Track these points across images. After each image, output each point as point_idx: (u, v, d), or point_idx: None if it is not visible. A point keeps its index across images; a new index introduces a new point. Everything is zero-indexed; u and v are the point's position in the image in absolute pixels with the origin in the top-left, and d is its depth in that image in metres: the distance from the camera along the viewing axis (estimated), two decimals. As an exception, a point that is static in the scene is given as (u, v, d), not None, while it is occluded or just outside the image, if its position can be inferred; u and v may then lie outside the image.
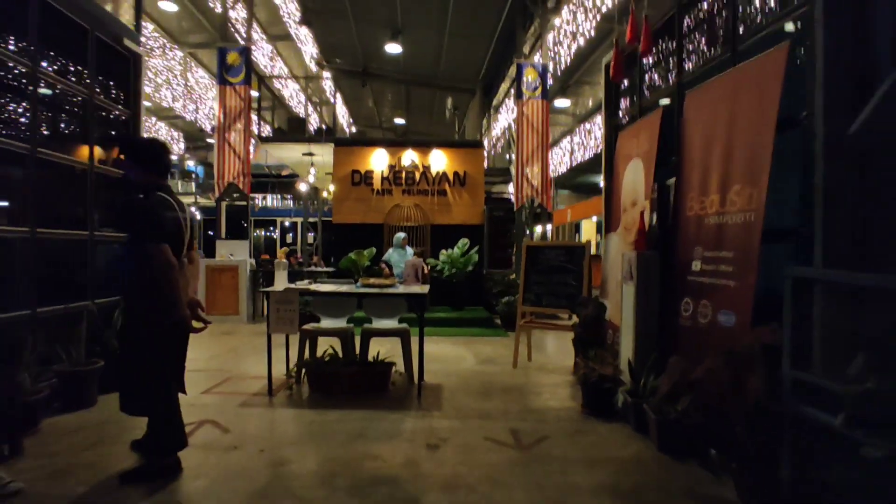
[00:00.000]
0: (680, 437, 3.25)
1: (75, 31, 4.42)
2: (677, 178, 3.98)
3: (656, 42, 4.48)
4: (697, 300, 3.56)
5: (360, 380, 4.58)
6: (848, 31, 2.51)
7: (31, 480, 2.79)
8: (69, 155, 4.42)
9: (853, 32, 2.50)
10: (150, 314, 2.72)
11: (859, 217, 2.47)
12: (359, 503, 2.64)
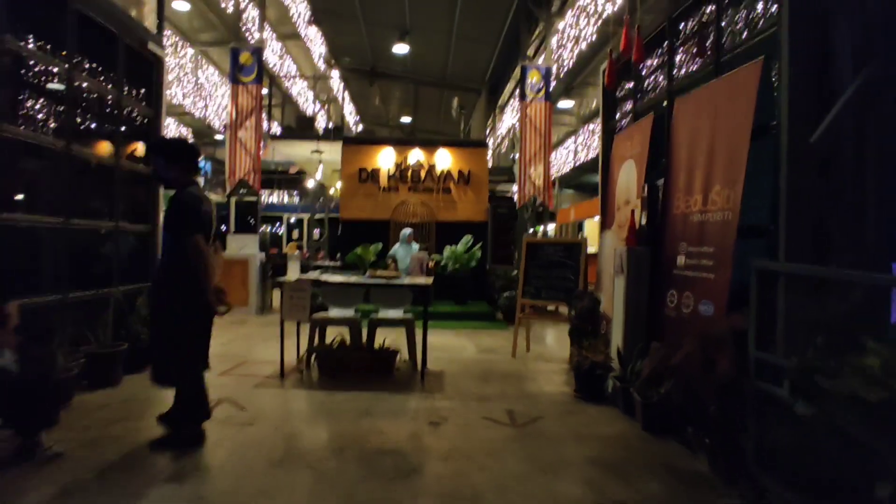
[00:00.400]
0: (662, 417, 3.54)
1: (106, 37, 4.73)
2: (666, 179, 4.25)
3: (649, 52, 4.74)
4: (681, 292, 3.84)
5: (367, 365, 4.88)
6: (811, 50, 2.77)
7: (68, 448, 3.09)
8: (98, 151, 4.73)
9: (816, 51, 2.77)
10: (184, 296, 3.03)
11: (820, 216, 2.74)
12: (366, 472, 2.94)
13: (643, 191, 4.63)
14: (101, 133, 4.86)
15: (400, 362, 5.18)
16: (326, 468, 2.96)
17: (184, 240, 2.99)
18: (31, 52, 3.89)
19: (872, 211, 2.68)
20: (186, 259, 3.00)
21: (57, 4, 4.12)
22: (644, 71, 4.91)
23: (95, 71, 4.65)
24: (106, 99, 4.83)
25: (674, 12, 4.34)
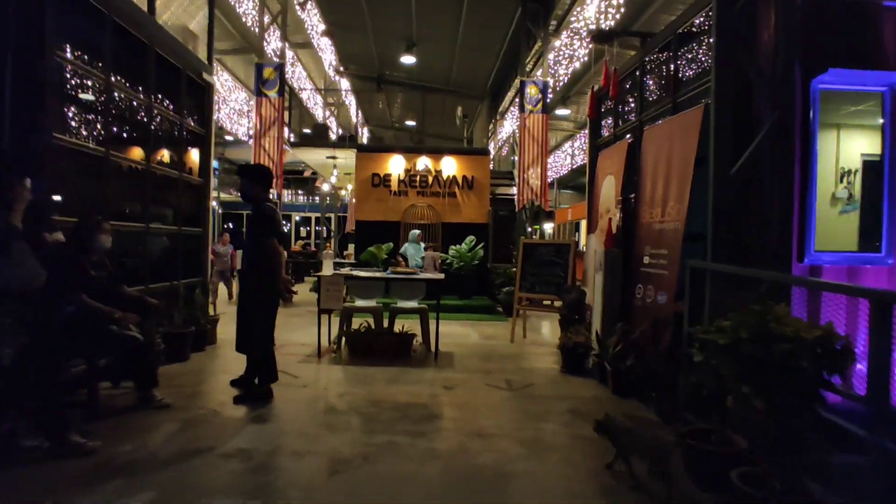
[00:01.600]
0: (627, 383, 4.51)
1: (173, 71, 5.68)
2: (636, 193, 5.21)
3: (625, 87, 5.70)
4: (645, 285, 4.80)
5: (389, 346, 5.85)
6: (732, 103, 3.73)
7: (172, 401, 4.06)
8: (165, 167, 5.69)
9: (736, 103, 3.73)
10: (262, 286, 3.99)
11: (738, 229, 3.70)
12: (401, 416, 3.91)
13: (619, 202, 5.59)
14: (168, 150, 5.81)
15: (416, 345, 6.15)
16: (370, 413, 3.94)
17: (263, 243, 3.95)
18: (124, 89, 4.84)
19: (776, 226, 3.64)
20: (265, 257, 3.97)
21: (142, 50, 5.07)
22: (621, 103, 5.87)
23: (165, 99, 5.60)
24: (173, 122, 5.79)
25: (642, 57, 5.29)
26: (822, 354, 2.19)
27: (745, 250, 3.74)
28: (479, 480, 2.95)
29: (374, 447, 3.34)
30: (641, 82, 5.38)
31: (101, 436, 3.25)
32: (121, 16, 4.63)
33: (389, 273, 6.08)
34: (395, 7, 12.82)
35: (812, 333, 2.23)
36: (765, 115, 3.68)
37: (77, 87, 4.28)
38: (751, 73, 3.71)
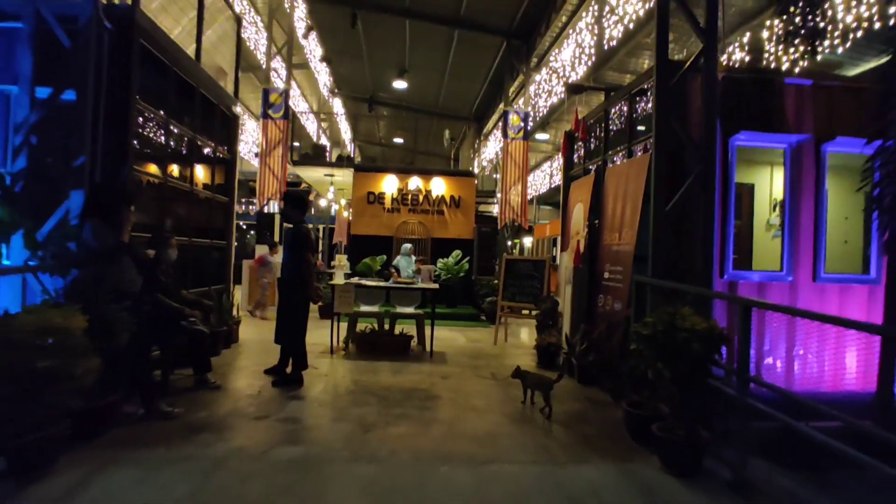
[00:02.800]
0: (589, 374, 5.58)
1: (210, 107, 6.65)
2: (599, 220, 6.34)
3: (592, 130, 6.85)
4: (606, 296, 5.91)
5: (391, 345, 6.84)
6: (668, 155, 4.87)
7: (222, 384, 5.00)
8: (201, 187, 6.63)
9: (672, 155, 4.87)
10: (298, 292, 4.98)
11: (671, 253, 4.82)
12: (408, 397, 4.91)
13: (587, 226, 6.71)
14: (205, 174, 6.76)
15: (413, 345, 7.14)
16: (383, 394, 4.93)
17: (300, 256, 4.95)
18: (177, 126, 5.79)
19: (700, 251, 4.77)
20: (301, 269, 4.96)
21: (190, 92, 6.04)
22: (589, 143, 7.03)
23: (204, 131, 6.56)
24: (209, 150, 6.75)
25: (605, 108, 6.46)
26: (707, 340, 3.29)
27: (678, 269, 4.86)
28: (473, 437, 3.97)
29: (392, 416, 4.34)
30: (605, 129, 6.54)
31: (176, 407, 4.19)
32: (179, 66, 5.61)
33: (392, 283, 7.09)
34: (390, 38, 13.95)
35: (701, 326, 3.32)
36: (693, 167, 4.83)
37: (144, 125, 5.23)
38: (682, 136, 4.87)
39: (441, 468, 3.39)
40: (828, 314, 3.21)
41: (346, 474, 3.25)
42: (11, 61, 4.54)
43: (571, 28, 9.91)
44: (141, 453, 3.39)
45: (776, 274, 5.21)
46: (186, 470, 3.20)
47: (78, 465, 3.15)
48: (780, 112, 5.12)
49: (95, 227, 3.90)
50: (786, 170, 5.22)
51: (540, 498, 3.05)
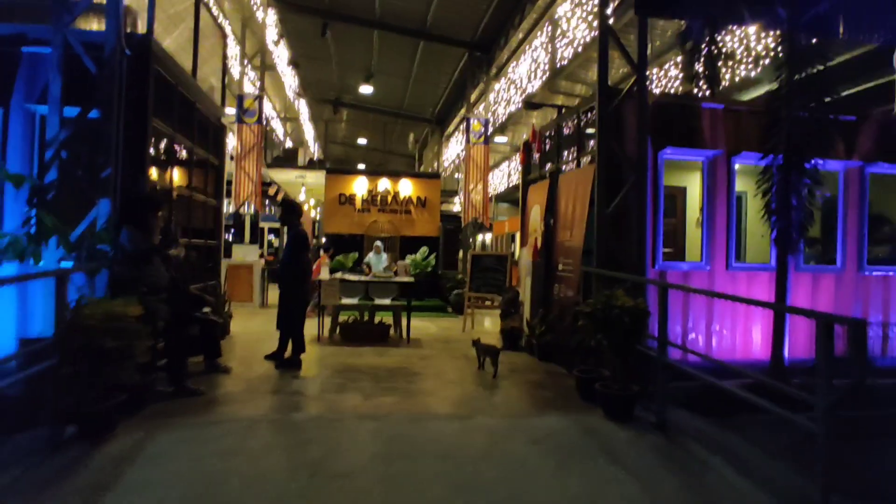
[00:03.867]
0: (546, 352, 6.56)
1: (204, 119, 7.25)
2: (554, 220, 7.33)
3: (547, 142, 7.84)
4: (559, 285, 6.90)
5: (372, 333, 7.63)
6: (610, 165, 5.87)
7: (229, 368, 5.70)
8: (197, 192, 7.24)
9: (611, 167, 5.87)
10: (296, 288, 5.73)
11: (611, 247, 5.83)
12: (393, 374, 5.75)
13: (543, 225, 7.69)
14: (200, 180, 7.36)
15: (391, 333, 7.96)
16: (372, 373, 5.75)
17: (298, 256, 5.70)
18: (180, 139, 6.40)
19: (635, 245, 5.79)
20: (300, 266, 5.71)
21: (189, 107, 6.64)
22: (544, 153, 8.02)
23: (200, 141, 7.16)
24: (203, 158, 7.35)
25: (558, 124, 7.46)
26: (634, 314, 4.28)
27: (618, 260, 5.88)
28: (453, 401, 4.86)
29: (384, 388, 5.18)
30: (558, 141, 7.54)
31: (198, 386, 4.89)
32: (182, 85, 6.23)
33: (372, 277, 7.89)
34: (359, 45, 14.62)
35: (630, 304, 4.31)
36: (629, 177, 5.85)
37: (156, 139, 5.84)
38: (619, 152, 5.88)
39: (430, 423, 4.26)
40: (718, 291, 4.26)
41: (355, 428, 4.08)
42: (39, 83, 5.10)
43: (528, 44, 10.91)
44: (182, 420, 4.11)
45: (697, 264, 6.32)
46: (225, 431, 3.95)
47: (133, 431, 3.84)
48: (699, 131, 6.22)
49: (131, 232, 4.55)
50: (703, 179, 6.33)
51: (509, 440, 3.97)
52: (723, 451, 3.77)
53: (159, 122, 5.72)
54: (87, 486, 3.04)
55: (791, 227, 5.45)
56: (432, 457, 3.58)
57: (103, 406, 3.69)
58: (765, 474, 3.41)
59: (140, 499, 2.94)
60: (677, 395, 4.70)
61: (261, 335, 7.48)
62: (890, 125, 6.83)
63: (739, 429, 4.28)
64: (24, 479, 3.10)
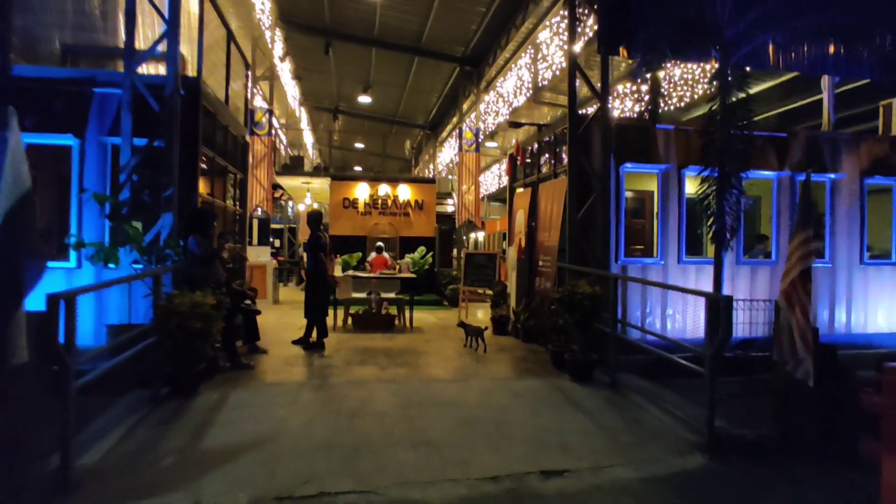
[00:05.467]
0: (529, 335, 7.80)
1: (232, 138, 8.42)
2: (535, 223, 8.57)
3: (529, 154, 9.07)
4: (540, 278, 8.14)
5: (380, 322, 8.84)
6: (578, 178, 7.11)
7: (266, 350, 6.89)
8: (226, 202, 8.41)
9: (581, 179, 7.11)
10: (318, 281, 6.93)
11: (581, 246, 7.08)
12: (404, 352, 6.97)
13: (526, 227, 8.92)
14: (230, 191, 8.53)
15: (396, 322, 9.18)
16: (385, 352, 6.97)
17: (318, 256, 6.90)
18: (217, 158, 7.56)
19: (600, 244, 7.04)
20: (319, 264, 6.92)
21: (224, 131, 7.81)
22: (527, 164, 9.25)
23: (230, 158, 8.34)
24: (233, 173, 8.52)
25: (538, 140, 8.69)
26: (593, 299, 5.52)
27: (586, 257, 7.12)
28: (453, 370, 6.09)
29: (397, 363, 6.40)
30: (538, 154, 8.77)
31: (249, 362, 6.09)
32: (219, 115, 7.40)
33: (379, 274, 9.10)
34: (358, 60, 15.77)
35: (589, 291, 5.56)
36: (595, 187, 7.09)
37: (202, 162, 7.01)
38: (587, 167, 7.12)
39: (435, 384, 5.50)
40: (671, 282, 5.49)
41: (379, 388, 5.30)
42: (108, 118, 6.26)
43: (513, 63, 12.14)
44: (245, 384, 5.32)
45: (654, 259, 7.57)
46: (280, 391, 5.16)
47: (210, 391, 5.04)
48: (654, 149, 7.47)
49: (197, 239, 5.72)
50: (658, 189, 7.59)
51: (496, 394, 5.21)
52: (654, 400, 5.03)
53: (205, 147, 6.89)
54: (193, 423, 4.25)
55: (724, 228, 6.71)
56: (439, 404, 4.82)
57: (191, 372, 4.89)
58: (678, 410, 4.66)
59: (232, 429, 4.15)
60: (633, 365, 5.96)
61: (281, 326, 8.67)
62: (814, 140, 8.14)
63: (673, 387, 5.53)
64: (146, 420, 4.30)
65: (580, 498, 3.33)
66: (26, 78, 6.07)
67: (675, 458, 3.89)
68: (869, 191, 8.44)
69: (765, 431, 4.17)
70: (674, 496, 3.38)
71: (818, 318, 8.21)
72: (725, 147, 6.58)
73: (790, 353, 3.91)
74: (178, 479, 3.35)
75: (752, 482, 3.57)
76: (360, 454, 3.76)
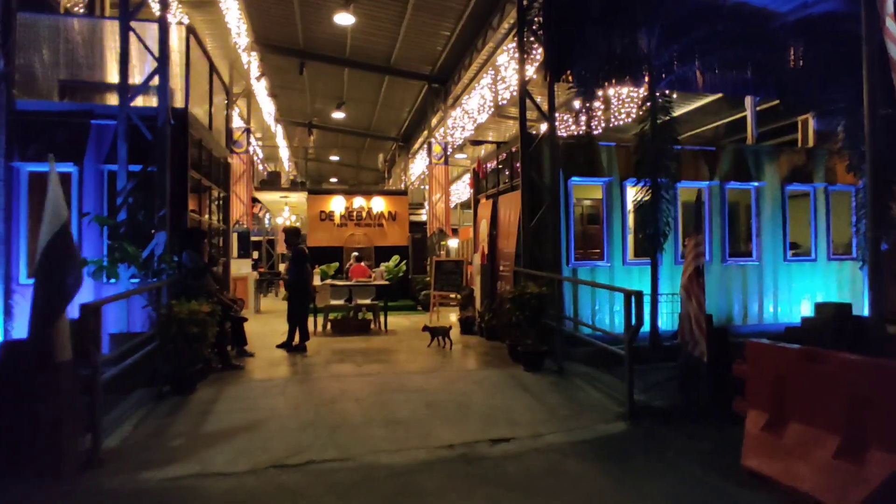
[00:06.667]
0: (492, 333, 8.63)
1: (216, 160, 9.10)
2: (496, 232, 9.44)
3: (489, 169, 9.95)
4: (501, 282, 9.00)
5: (356, 326, 9.58)
6: (531, 191, 8.00)
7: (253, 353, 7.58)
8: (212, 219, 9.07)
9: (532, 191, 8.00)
10: (301, 290, 7.66)
11: (534, 252, 7.96)
12: (378, 352, 7.73)
13: (489, 236, 9.79)
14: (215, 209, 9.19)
15: (372, 326, 9.92)
16: (362, 352, 7.73)
17: (300, 267, 7.63)
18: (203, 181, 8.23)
19: (550, 249, 7.92)
20: (302, 275, 7.65)
21: (209, 155, 8.50)
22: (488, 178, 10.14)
23: (215, 179, 9.01)
24: (218, 193, 9.19)
25: (497, 156, 9.58)
26: (539, 298, 6.38)
27: (539, 262, 8.00)
28: (422, 365, 6.88)
29: (372, 360, 7.16)
30: (497, 169, 9.66)
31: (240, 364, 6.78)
32: (204, 140, 8.08)
33: (354, 282, 9.85)
34: (331, 78, 16.52)
35: (536, 291, 6.42)
36: (546, 199, 7.98)
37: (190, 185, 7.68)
38: (538, 181, 8.02)
39: (405, 376, 6.28)
40: (617, 283, 6.39)
41: (356, 380, 6.06)
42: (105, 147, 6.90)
43: (476, 82, 13.06)
44: (237, 381, 6.03)
45: (601, 262, 8.50)
46: (268, 386, 5.88)
47: (206, 388, 5.73)
48: (598, 163, 8.41)
49: (190, 254, 6.41)
50: (603, 199, 8.53)
51: (458, 382, 6.01)
52: (592, 382, 5.90)
53: (193, 171, 7.58)
54: (195, 413, 4.96)
55: (658, 233, 7.67)
56: (408, 392, 5.60)
57: (189, 371, 5.58)
58: (611, 390, 5.53)
59: (229, 416, 4.87)
60: (583, 355, 6.83)
61: (266, 332, 9.33)
62: (739, 153, 9.19)
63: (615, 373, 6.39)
64: (153, 412, 4.99)
65: (519, 457, 4.14)
66: (29, 111, 6.68)
67: (601, 425, 4.75)
68: (791, 196, 9.55)
69: (674, 402, 5.06)
70: (594, 452, 4.23)
71: (749, 309, 9.26)
72: (655, 162, 7.57)
73: (689, 336, 4.81)
74: (187, 454, 4.06)
75: (657, 439, 4.44)
76: (339, 431, 4.53)
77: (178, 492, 3.44)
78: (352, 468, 3.84)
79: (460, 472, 3.78)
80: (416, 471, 3.80)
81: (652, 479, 3.74)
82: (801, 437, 3.56)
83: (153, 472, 3.69)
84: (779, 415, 3.75)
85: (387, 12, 12.03)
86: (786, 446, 3.61)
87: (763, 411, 3.86)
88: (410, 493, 3.47)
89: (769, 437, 3.74)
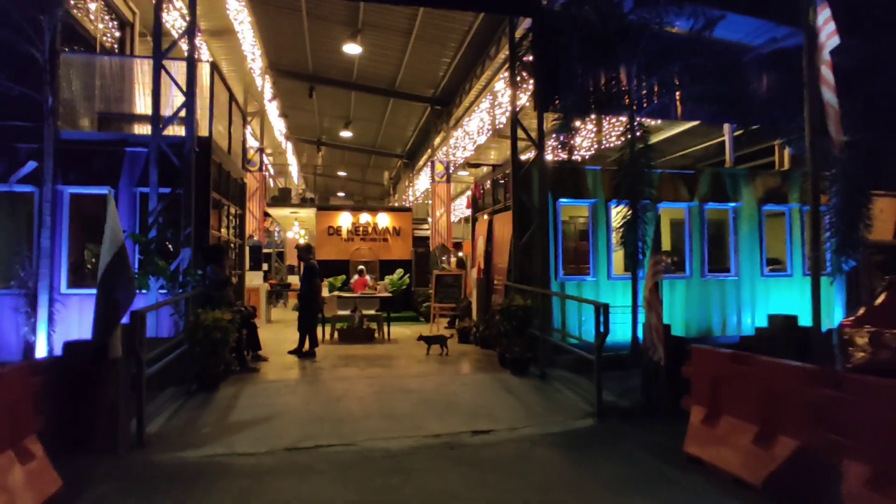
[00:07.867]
0: (487, 342, 9.33)
1: (235, 181, 9.92)
2: (491, 249, 10.17)
3: (485, 190, 10.71)
4: (495, 295, 9.71)
5: (362, 335, 10.31)
6: (520, 211, 8.74)
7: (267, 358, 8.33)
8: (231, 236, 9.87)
9: (522, 212, 8.74)
10: (311, 301, 8.41)
11: (524, 268, 8.67)
12: (380, 358, 8.45)
13: (485, 252, 10.52)
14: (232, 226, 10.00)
15: (376, 335, 10.65)
16: (366, 358, 8.45)
17: (311, 280, 8.39)
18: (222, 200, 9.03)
19: (540, 264, 8.64)
20: (312, 287, 8.41)
21: (227, 177, 9.32)
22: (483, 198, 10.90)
23: (233, 199, 9.82)
24: (235, 211, 10.01)
25: (492, 178, 10.35)
26: (525, 310, 7.09)
27: (529, 277, 8.71)
28: (419, 370, 7.59)
29: (375, 365, 7.88)
30: (493, 190, 10.42)
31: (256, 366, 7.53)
32: (224, 163, 8.91)
33: (360, 294, 10.60)
34: (338, 100, 17.42)
35: (522, 303, 7.13)
36: (535, 219, 8.71)
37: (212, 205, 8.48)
38: (528, 202, 8.76)
39: (404, 378, 6.99)
40: (602, 297, 7.10)
41: (360, 382, 6.79)
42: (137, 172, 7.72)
43: (476, 106, 13.88)
44: (254, 382, 6.77)
45: (588, 277, 9.20)
46: (281, 386, 6.62)
47: (228, 387, 6.47)
48: (584, 186, 9.14)
49: (214, 268, 7.19)
50: (589, 218, 9.26)
51: (450, 384, 6.72)
52: (570, 386, 6.59)
53: (214, 192, 8.40)
54: (220, 407, 5.70)
55: (637, 250, 8.36)
56: (405, 392, 6.32)
57: (214, 372, 6.33)
58: (586, 393, 6.22)
59: (249, 410, 5.60)
60: (567, 362, 7.51)
61: (278, 340, 10.08)
62: (718, 175, 9.90)
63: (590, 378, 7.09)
64: (184, 406, 5.74)
65: (495, 446, 4.84)
66: (72, 140, 7.52)
67: (571, 421, 5.44)
68: (769, 215, 10.22)
69: (638, 402, 5.74)
70: (560, 443, 4.92)
71: (728, 321, 9.89)
72: (633, 186, 8.29)
73: (651, 343, 5.50)
74: (216, 439, 4.80)
75: (617, 433, 5.12)
76: (343, 423, 5.25)
77: (212, 466, 4.17)
78: (353, 451, 4.57)
79: (443, 456, 4.49)
80: (407, 454, 4.52)
81: (606, 464, 4.43)
82: (730, 427, 4.24)
83: (190, 451, 4.43)
84: (714, 409, 4.44)
85: (391, 42, 12.91)
86: (718, 435, 4.29)
87: (703, 406, 4.55)
88: (400, 470, 4.18)
89: (706, 428, 4.42)
